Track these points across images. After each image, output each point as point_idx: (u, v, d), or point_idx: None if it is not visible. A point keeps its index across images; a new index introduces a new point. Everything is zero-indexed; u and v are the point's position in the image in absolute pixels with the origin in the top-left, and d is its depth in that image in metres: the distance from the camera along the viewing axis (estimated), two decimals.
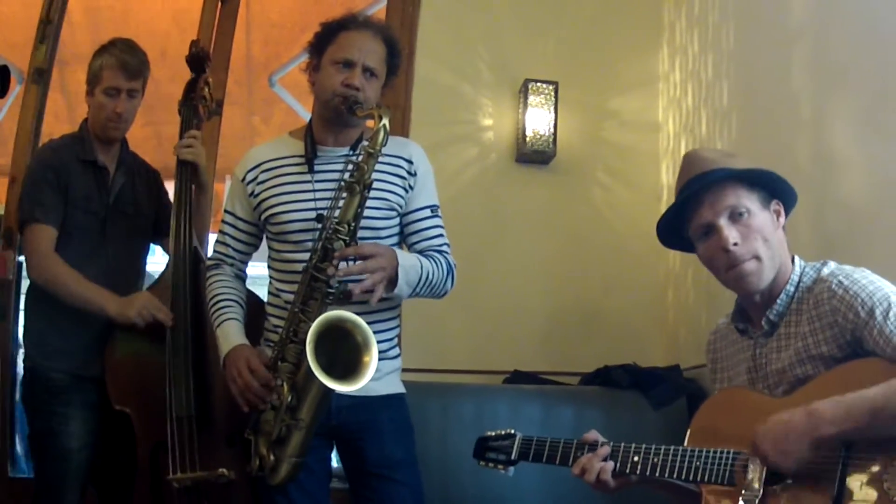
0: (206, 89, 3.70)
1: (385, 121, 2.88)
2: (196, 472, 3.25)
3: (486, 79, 5.01)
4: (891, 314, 2.21)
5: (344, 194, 2.88)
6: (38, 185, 3.43)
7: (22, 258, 4.03)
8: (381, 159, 2.97)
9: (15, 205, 3.95)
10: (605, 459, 2.56)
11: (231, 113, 5.27)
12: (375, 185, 2.95)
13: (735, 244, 2.44)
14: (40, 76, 4.61)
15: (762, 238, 2.46)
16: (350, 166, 2.91)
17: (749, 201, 2.48)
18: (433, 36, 4.96)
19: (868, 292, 2.27)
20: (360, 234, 2.91)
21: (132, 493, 3.38)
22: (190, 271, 3.45)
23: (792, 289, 2.48)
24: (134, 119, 3.63)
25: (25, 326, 3.62)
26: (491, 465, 2.81)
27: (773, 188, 2.53)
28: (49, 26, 4.65)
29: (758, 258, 2.45)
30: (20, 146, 4.53)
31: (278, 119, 6.67)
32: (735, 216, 2.48)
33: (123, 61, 3.50)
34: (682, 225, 2.60)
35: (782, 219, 2.53)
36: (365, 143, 2.94)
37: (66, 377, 3.41)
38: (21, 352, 3.84)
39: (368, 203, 2.93)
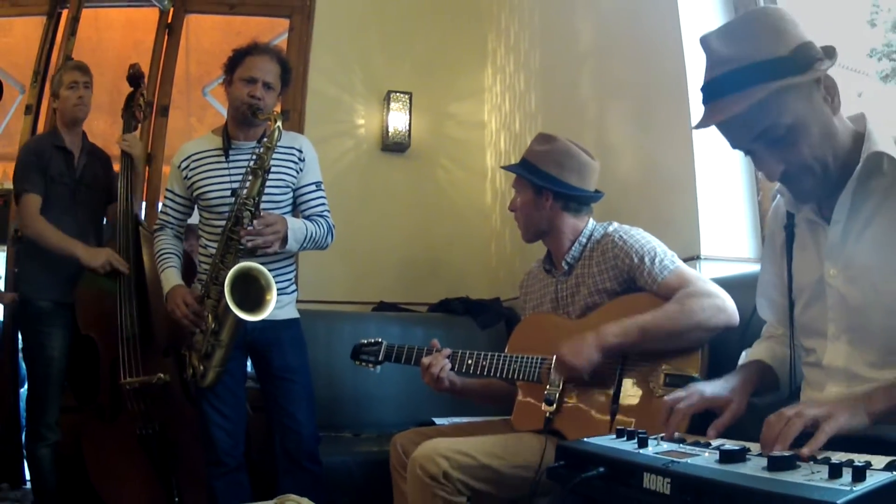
0: (142, 99, 3.69)
1: (279, 123, 2.88)
2: (140, 376, 3.29)
3: (360, 90, 4.99)
4: (656, 261, 2.31)
5: (250, 177, 2.88)
6: (26, 165, 3.42)
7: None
8: (279, 150, 2.99)
9: None
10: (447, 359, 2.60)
11: (174, 115, 5.17)
12: (275, 169, 2.97)
13: (511, 209, 2.66)
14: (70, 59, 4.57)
15: (522, 212, 2.60)
16: (254, 156, 2.90)
17: (522, 188, 2.61)
18: (321, 59, 4.93)
19: (640, 244, 2.37)
20: (264, 205, 2.93)
21: (97, 393, 3.40)
22: (133, 231, 3.48)
23: (584, 240, 2.54)
24: (90, 105, 3.61)
25: (19, 270, 3.59)
26: (363, 364, 2.82)
27: (548, 184, 2.54)
28: (76, 23, 4.76)
29: (519, 222, 2.63)
30: None
31: (209, 120, 6.52)
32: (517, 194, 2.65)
33: (77, 65, 3.63)
34: None
35: (550, 202, 2.54)
36: (265, 139, 2.94)
37: (50, 304, 3.39)
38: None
39: (270, 182, 2.94)
